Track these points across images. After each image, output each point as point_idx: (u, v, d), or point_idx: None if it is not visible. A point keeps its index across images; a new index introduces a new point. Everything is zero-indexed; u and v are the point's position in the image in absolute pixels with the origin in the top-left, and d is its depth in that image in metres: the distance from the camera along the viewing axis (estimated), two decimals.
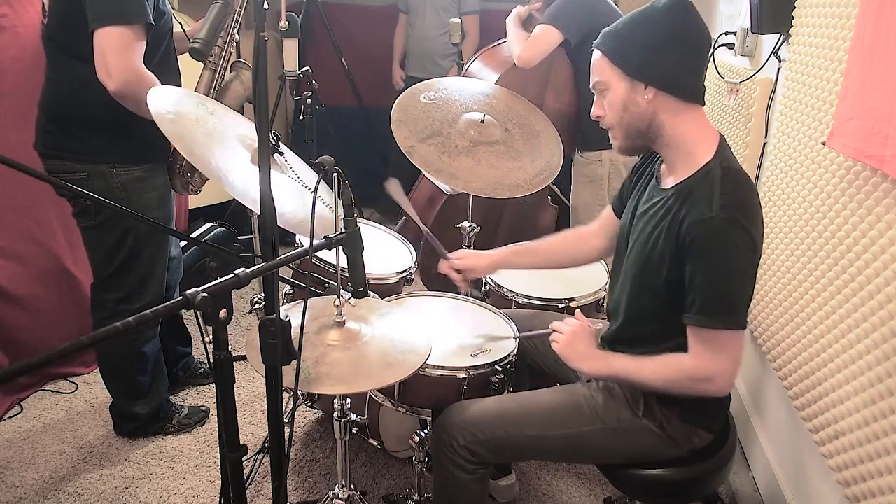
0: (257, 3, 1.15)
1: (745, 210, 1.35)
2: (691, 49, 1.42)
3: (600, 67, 1.46)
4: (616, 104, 1.45)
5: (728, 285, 1.35)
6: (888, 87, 1.32)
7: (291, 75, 2.88)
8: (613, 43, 1.44)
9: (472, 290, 2.01)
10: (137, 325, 0.94)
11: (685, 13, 1.40)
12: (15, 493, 2.07)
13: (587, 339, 1.58)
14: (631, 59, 1.42)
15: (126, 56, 1.74)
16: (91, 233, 2.05)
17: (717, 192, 1.35)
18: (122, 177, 1.96)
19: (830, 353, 1.59)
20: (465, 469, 1.54)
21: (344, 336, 1.43)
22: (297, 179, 1.67)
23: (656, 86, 1.41)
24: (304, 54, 3.40)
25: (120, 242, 2.03)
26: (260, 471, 2.15)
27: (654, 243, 1.44)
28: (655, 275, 1.44)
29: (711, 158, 1.41)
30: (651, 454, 1.53)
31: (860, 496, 1.43)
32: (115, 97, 1.78)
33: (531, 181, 2.05)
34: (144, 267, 2.09)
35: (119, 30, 1.72)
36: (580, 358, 1.55)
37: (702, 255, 1.34)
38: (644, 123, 1.44)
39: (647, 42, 1.40)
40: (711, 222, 1.32)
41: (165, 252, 2.16)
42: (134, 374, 2.21)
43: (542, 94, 2.78)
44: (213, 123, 1.60)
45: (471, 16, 3.72)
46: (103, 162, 1.94)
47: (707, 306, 1.35)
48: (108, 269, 2.07)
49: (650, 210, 1.49)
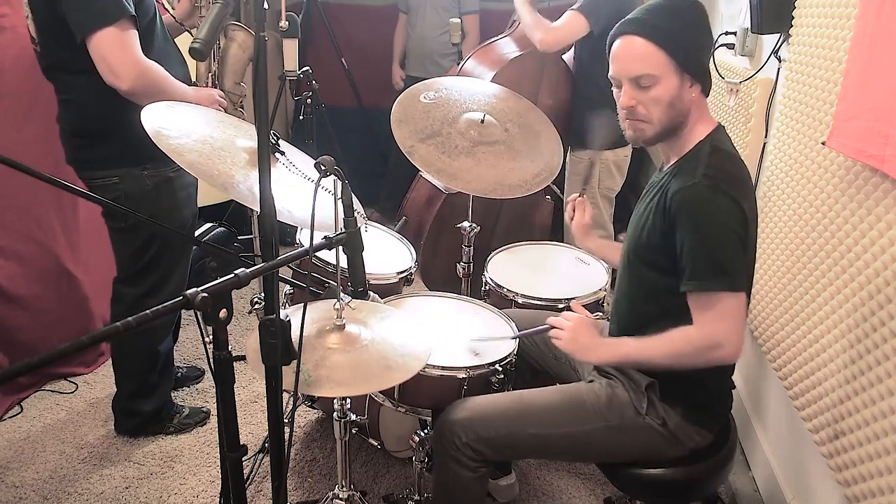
0: (257, 3, 1.15)
1: (730, 181, 1.36)
2: (712, 42, 1.44)
3: (651, 58, 1.39)
4: (663, 99, 1.41)
5: (717, 247, 1.35)
6: (888, 87, 1.32)
7: (291, 75, 2.88)
8: (667, 32, 1.38)
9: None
10: (138, 325, 0.94)
11: (701, 6, 1.42)
12: (15, 493, 2.07)
13: (589, 330, 1.57)
14: (687, 54, 1.39)
15: (126, 53, 1.75)
16: (120, 234, 2.09)
17: (701, 165, 1.39)
18: (153, 178, 1.98)
19: (830, 353, 1.59)
20: (466, 467, 1.54)
21: (344, 339, 1.43)
22: (305, 177, 1.67)
23: (700, 82, 1.42)
24: (304, 54, 3.40)
25: (147, 243, 2.07)
26: (260, 471, 2.15)
27: (646, 219, 1.47)
28: (648, 250, 1.46)
29: (703, 139, 1.45)
30: (653, 453, 1.53)
31: (860, 496, 1.43)
32: (128, 97, 1.79)
33: (531, 181, 2.05)
34: (168, 266, 2.13)
35: (108, 31, 1.72)
36: (587, 350, 1.54)
37: (688, 220, 1.36)
38: (680, 119, 1.44)
39: (702, 38, 1.41)
40: (694, 188, 1.35)
41: (189, 251, 2.22)
42: (146, 371, 2.23)
43: (536, 92, 2.78)
44: (222, 137, 1.60)
45: (471, 15, 3.72)
46: (135, 164, 1.95)
47: (699, 270, 1.36)
48: (133, 268, 2.11)
49: (648, 192, 1.53)
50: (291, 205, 1.47)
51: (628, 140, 1.52)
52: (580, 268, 2.27)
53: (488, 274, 2.16)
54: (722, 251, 1.35)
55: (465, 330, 1.82)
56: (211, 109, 1.82)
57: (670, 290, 1.42)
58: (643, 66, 1.39)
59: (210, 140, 1.55)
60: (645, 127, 1.45)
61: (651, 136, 1.46)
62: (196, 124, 1.60)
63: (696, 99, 1.44)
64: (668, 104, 1.41)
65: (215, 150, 1.51)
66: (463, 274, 2.33)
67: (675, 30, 1.39)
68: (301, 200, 1.51)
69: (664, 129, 1.44)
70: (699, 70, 1.43)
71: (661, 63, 1.38)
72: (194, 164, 1.42)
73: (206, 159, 1.47)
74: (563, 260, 2.33)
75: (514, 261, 2.28)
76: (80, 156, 1.99)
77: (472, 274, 2.34)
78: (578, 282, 2.15)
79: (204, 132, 1.57)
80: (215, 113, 1.79)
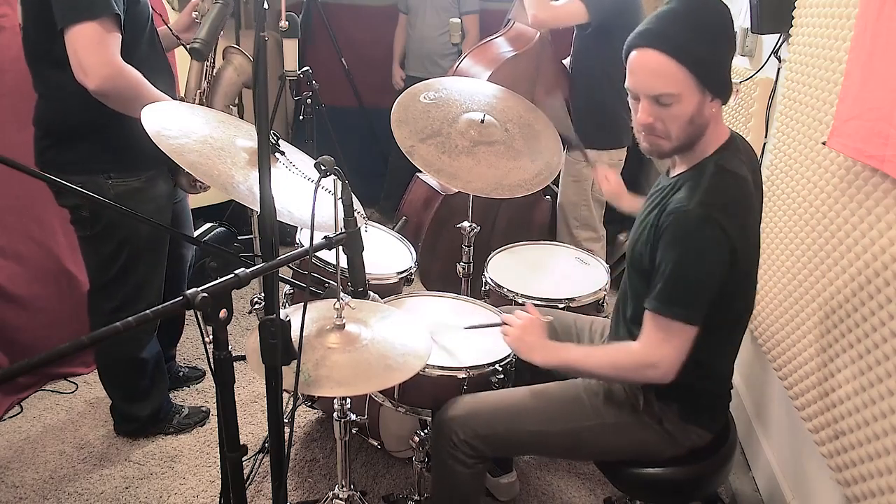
0: (257, 3, 1.15)
1: (726, 210, 1.33)
2: (734, 51, 1.40)
3: (673, 77, 1.31)
4: (683, 118, 1.35)
5: (687, 279, 1.35)
6: (888, 87, 1.32)
7: (291, 75, 2.88)
8: (689, 48, 1.30)
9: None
10: (137, 325, 0.94)
11: (727, 10, 1.37)
12: (15, 493, 2.07)
13: (537, 330, 1.59)
14: (709, 70, 1.33)
15: (99, 51, 1.68)
16: (87, 242, 2.02)
17: (701, 187, 1.36)
18: (118, 188, 1.91)
19: (830, 354, 1.59)
20: (464, 464, 1.54)
21: (344, 339, 1.43)
22: (305, 177, 1.67)
23: (721, 98, 1.38)
24: (304, 54, 3.41)
25: (116, 253, 2.00)
26: (260, 471, 2.15)
27: (643, 230, 1.46)
28: (640, 259, 1.46)
29: (711, 154, 1.42)
30: (650, 452, 1.53)
31: (860, 496, 1.43)
32: (96, 96, 1.73)
33: (531, 181, 2.05)
34: (140, 277, 2.06)
35: (87, 26, 1.66)
36: (531, 350, 1.55)
37: (671, 244, 1.36)
38: (699, 133, 1.39)
39: (723, 49, 1.35)
40: (686, 214, 1.34)
41: (163, 261, 2.13)
42: (134, 378, 2.20)
43: (532, 92, 2.77)
44: (221, 136, 1.59)
45: (470, 15, 3.72)
46: (99, 172, 1.88)
47: (663, 294, 1.36)
48: (103, 278, 2.05)
49: (651, 199, 1.52)
50: (291, 205, 1.47)
51: (643, 151, 1.47)
52: (580, 268, 2.27)
53: (488, 274, 2.16)
54: (691, 284, 1.35)
55: (466, 330, 1.82)
56: (210, 110, 1.81)
57: None
58: (663, 85, 1.32)
59: (210, 140, 1.55)
60: (662, 143, 1.40)
61: (667, 151, 1.42)
62: (196, 124, 1.61)
63: (716, 112, 1.39)
64: (689, 121, 1.35)
65: (215, 151, 1.51)
66: (463, 274, 2.33)
67: (698, 45, 1.31)
68: (301, 200, 1.51)
69: (682, 145, 1.40)
70: (721, 83, 1.37)
71: (682, 81, 1.31)
72: (195, 164, 1.42)
73: (206, 159, 1.47)
74: (563, 260, 2.34)
75: (513, 261, 2.28)
76: (46, 157, 1.91)
77: (472, 274, 2.35)
78: (578, 282, 2.15)
79: (204, 132, 1.57)
80: (215, 113, 1.78)
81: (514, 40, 2.86)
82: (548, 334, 1.61)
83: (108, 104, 1.76)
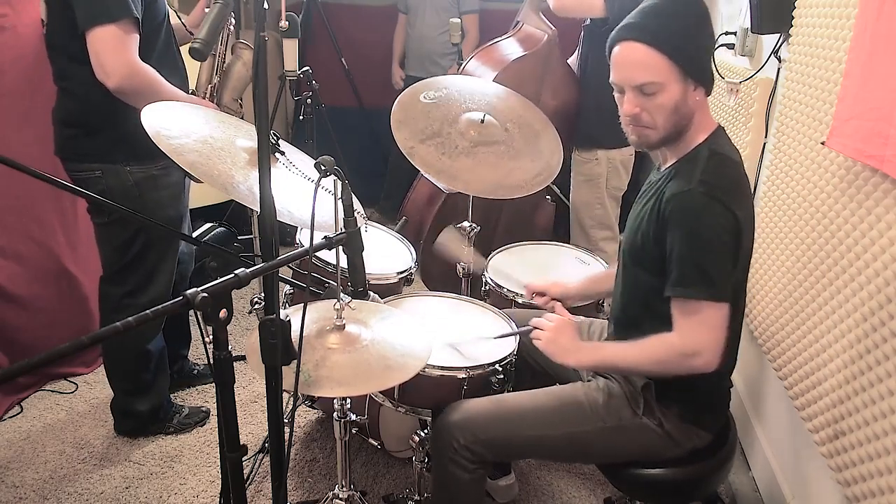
0: (257, 3, 1.15)
1: (726, 189, 1.35)
2: (714, 41, 1.42)
3: (655, 66, 1.35)
4: (667, 107, 1.38)
5: (705, 256, 1.35)
6: (888, 87, 1.32)
7: (291, 75, 2.88)
8: (670, 38, 1.35)
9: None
10: (137, 325, 0.94)
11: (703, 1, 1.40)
12: (15, 493, 2.07)
13: (570, 332, 1.57)
14: (691, 59, 1.37)
15: (119, 53, 1.77)
16: (103, 229, 2.09)
17: (698, 170, 1.38)
18: (136, 175, 1.99)
19: (830, 353, 1.59)
20: (465, 468, 1.54)
21: (344, 339, 1.43)
22: (305, 177, 1.67)
23: (704, 86, 1.41)
24: (304, 54, 3.41)
25: (131, 239, 2.06)
26: (260, 471, 2.15)
27: (641, 221, 1.46)
28: (642, 251, 1.46)
29: (702, 142, 1.44)
30: (651, 454, 1.53)
31: (860, 496, 1.43)
32: (116, 94, 1.81)
33: (531, 181, 2.05)
34: (153, 263, 2.12)
35: (107, 28, 1.75)
36: (566, 352, 1.54)
37: (680, 226, 1.36)
38: (685, 123, 1.42)
39: (703, 39, 1.39)
40: (689, 195, 1.35)
41: (175, 249, 2.20)
42: (138, 371, 2.23)
43: (539, 92, 2.78)
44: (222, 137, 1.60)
45: (470, 15, 3.72)
46: (117, 161, 1.96)
47: (684, 277, 1.35)
48: (117, 265, 2.11)
49: (645, 193, 1.53)
50: (291, 205, 1.47)
51: (632, 144, 1.50)
52: (580, 268, 2.27)
53: (488, 274, 2.16)
54: (709, 260, 1.35)
55: (466, 330, 1.82)
56: (210, 109, 1.83)
57: (662, 293, 1.42)
58: (646, 74, 1.36)
59: (210, 140, 1.55)
60: (649, 133, 1.43)
61: (655, 141, 1.45)
62: (196, 124, 1.61)
63: (700, 101, 1.43)
64: (673, 110, 1.39)
65: (215, 150, 1.52)
66: (463, 274, 2.33)
67: (677, 34, 1.36)
68: (301, 200, 1.51)
69: (669, 134, 1.43)
70: (703, 72, 1.41)
71: (664, 70, 1.35)
72: (194, 164, 1.42)
73: (206, 159, 1.47)
74: (564, 260, 2.33)
75: (514, 261, 2.28)
76: (67, 146, 2.00)
77: (472, 274, 2.34)
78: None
79: (204, 132, 1.58)
80: (215, 113, 1.80)
81: (522, 41, 2.87)
82: (580, 334, 1.59)
83: (127, 101, 1.84)
